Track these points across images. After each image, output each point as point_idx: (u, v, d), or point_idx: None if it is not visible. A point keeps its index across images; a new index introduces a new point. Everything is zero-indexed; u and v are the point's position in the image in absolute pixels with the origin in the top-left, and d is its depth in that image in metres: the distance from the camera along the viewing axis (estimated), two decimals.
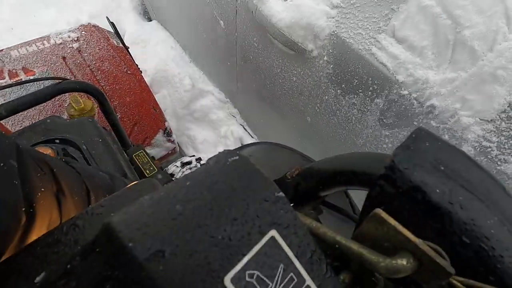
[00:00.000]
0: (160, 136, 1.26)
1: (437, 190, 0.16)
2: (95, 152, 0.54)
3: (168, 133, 1.28)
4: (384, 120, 0.67)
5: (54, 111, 1.01)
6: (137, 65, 1.29)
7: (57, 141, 0.54)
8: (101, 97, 0.73)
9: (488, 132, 0.52)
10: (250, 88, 1.18)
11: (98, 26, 1.28)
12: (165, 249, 0.13)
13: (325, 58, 0.73)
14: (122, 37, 1.32)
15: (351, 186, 0.24)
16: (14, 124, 0.94)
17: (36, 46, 1.16)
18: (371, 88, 0.66)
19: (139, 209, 0.16)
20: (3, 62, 1.09)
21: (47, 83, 0.68)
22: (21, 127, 0.72)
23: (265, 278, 0.14)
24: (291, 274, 0.15)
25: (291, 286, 0.15)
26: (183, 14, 1.39)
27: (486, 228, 0.15)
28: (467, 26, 0.50)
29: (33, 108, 0.69)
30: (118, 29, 1.35)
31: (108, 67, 1.18)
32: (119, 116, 1.11)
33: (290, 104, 0.95)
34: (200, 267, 0.13)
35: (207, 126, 1.48)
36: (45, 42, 1.17)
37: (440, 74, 0.55)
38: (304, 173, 0.27)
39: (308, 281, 0.15)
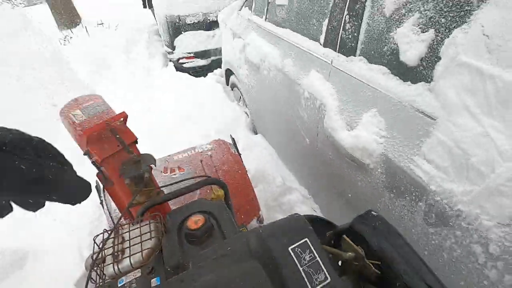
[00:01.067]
0: (254, 222, 1.60)
1: (370, 235, 0.43)
2: (226, 224, 0.91)
3: (260, 221, 1.62)
4: (428, 220, 0.84)
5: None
6: (244, 166, 1.79)
7: (206, 212, 0.94)
8: (226, 190, 1.16)
9: (507, 234, 0.66)
10: (327, 187, 1.47)
11: (224, 140, 1.90)
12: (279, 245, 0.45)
13: (379, 170, 1.00)
14: (237, 146, 1.89)
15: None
16: (175, 203, 1.45)
17: (187, 153, 1.81)
18: (413, 194, 0.87)
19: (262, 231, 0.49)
20: (168, 162, 1.75)
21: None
22: (181, 205, 1.19)
23: (305, 255, 0.43)
24: (316, 259, 0.43)
25: (314, 266, 0.43)
26: (279, 131, 1.91)
27: (390, 253, 0.41)
28: (473, 155, 0.73)
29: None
30: (235, 141, 1.95)
31: (227, 168, 1.71)
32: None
33: (357, 202, 1.18)
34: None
35: None
36: (192, 150, 1.82)
37: (461, 186, 0.75)
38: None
39: (324, 269, 0.43)
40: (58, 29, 6.55)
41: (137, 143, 1.18)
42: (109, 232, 0.86)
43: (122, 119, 1.15)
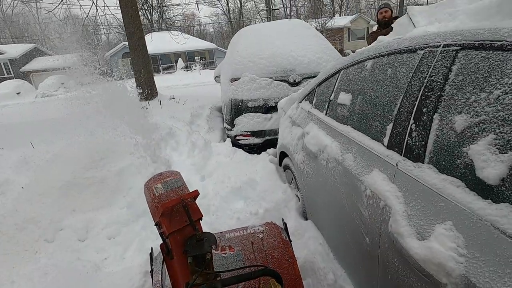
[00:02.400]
0: None
1: None
2: None
3: None
4: None
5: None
6: (294, 254, 1.72)
7: None
8: (281, 283, 1.11)
9: None
10: None
11: (276, 224, 1.89)
12: None
13: None
14: (288, 232, 1.86)
15: None
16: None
17: (239, 232, 1.82)
18: None
19: None
20: (220, 239, 1.77)
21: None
22: None
23: None
24: None
25: None
26: (334, 222, 1.86)
27: None
28: None
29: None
30: (287, 226, 1.92)
31: (277, 255, 1.65)
32: None
33: None
34: None
35: None
36: (244, 230, 1.83)
37: None
38: None
39: None
40: (138, 100, 7.76)
41: (201, 219, 1.25)
42: None
43: (193, 196, 1.26)
